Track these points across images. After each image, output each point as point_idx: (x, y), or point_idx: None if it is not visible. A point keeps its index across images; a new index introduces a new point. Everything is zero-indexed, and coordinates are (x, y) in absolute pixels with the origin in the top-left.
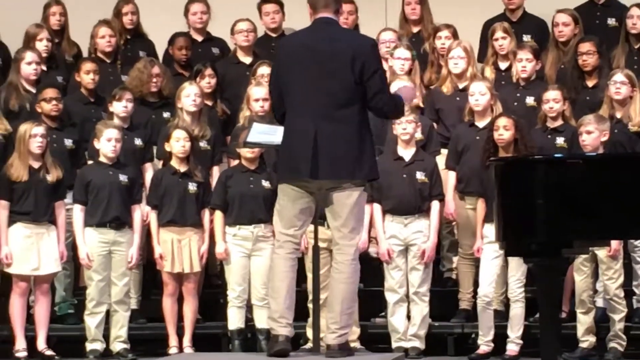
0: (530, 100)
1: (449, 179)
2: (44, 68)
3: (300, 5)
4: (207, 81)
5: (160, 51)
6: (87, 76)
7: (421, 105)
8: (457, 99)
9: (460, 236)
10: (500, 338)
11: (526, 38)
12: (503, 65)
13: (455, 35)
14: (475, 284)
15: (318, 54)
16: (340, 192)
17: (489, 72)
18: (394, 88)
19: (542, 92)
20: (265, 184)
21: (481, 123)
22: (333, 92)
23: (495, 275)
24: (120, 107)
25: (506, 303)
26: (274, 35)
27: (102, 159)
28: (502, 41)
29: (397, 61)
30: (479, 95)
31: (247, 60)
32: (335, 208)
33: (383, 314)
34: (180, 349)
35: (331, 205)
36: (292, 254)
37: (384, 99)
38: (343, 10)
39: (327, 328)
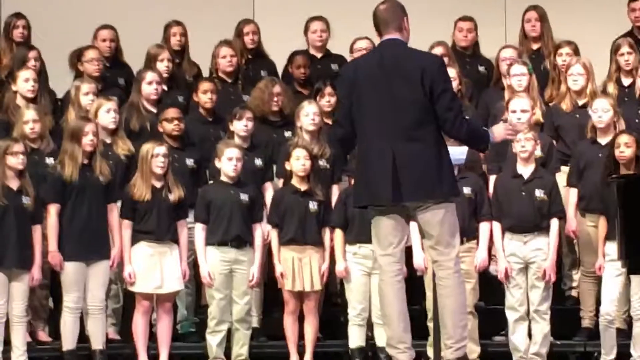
0: None
1: (571, 196)
2: (165, 88)
3: (417, 23)
4: (327, 100)
5: (280, 70)
6: (204, 96)
7: (541, 120)
8: (577, 116)
9: (581, 254)
10: (623, 357)
11: None
12: (626, 81)
13: (576, 51)
14: (598, 302)
15: (386, 76)
16: (425, 212)
17: (612, 88)
18: (513, 106)
19: None
20: None
21: (604, 140)
22: (406, 112)
23: (618, 294)
24: (241, 125)
25: (629, 321)
26: None
27: (223, 178)
28: (628, 56)
29: (514, 78)
30: (602, 112)
31: None
32: (425, 228)
33: (504, 332)
34: None
35: (420, 225)
36: (396, 276)
37: (451, 118)
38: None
39: (444, 345)
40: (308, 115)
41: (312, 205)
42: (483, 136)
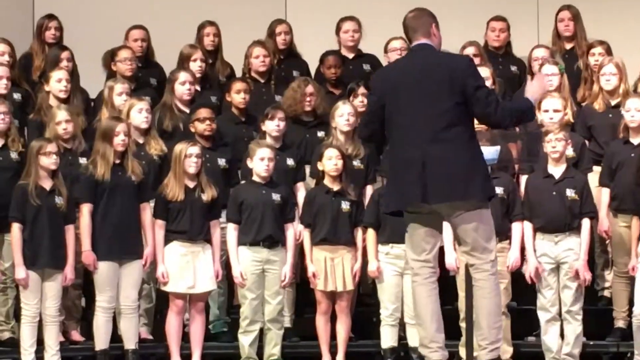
0: None
1: (603, 196)
2: (198, 88)
3: (449, 23)
4: (360, 100)
5: (312, 70)
6: (237, 96)
7: (572, 120)
8: (610, 115)
9: (614, 254)
10: None
11: None
12: None
13: (609, 51)
14: (631, 303)
15: (415, 81)
16: (459, 219)
17: None
18: (545, 105)
19: None
20: None
21: (636, 140)
22: (435, 116)
23: None
24: (273, 125)
25: None
26: None
27: (255, 178)
28: None
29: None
30: (635, 111)
31: None
32: (459, 235)
33: (536, 332)
34: None
35: (455, 232)
36: (429, 277)
37: (492, 112)
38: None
39: (478, 346)
40: (343, 115)
41: (345, 205)
42: (526, 109)
